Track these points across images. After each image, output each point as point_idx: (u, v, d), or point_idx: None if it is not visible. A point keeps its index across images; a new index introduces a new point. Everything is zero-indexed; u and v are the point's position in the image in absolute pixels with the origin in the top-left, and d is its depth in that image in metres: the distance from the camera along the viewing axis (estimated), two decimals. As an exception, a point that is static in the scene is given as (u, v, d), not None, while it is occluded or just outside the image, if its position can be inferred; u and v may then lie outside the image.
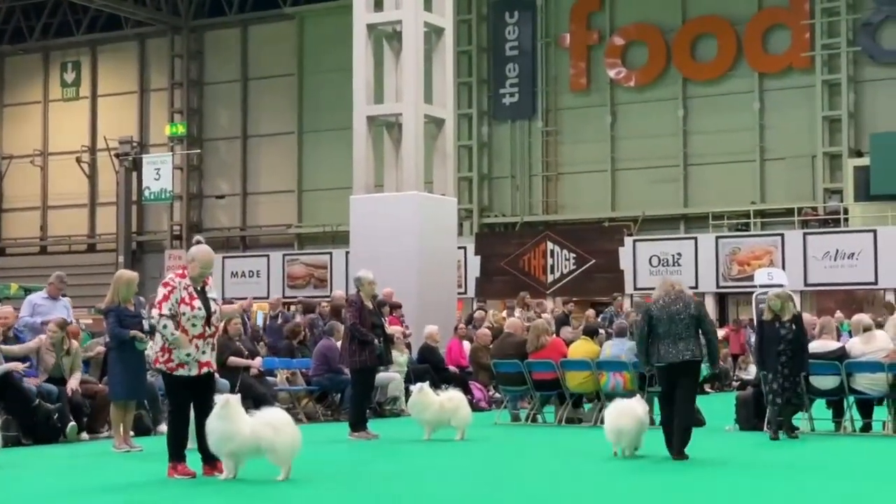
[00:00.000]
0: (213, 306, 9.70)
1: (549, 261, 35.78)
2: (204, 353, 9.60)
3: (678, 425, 11.25)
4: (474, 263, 36.25)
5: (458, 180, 36.50)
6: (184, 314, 9.51)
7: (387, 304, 19.37)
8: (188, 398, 9.64)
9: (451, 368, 19.34)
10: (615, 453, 11.24)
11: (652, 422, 15.48)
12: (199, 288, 9.66)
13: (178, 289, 9.58)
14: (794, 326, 13.33)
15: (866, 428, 14.16)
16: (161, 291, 9.64)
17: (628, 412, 11.24)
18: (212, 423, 9.26)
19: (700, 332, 11.53)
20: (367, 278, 13.88)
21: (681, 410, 11.34)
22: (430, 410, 13.28)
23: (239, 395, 9.73)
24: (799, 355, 13.36)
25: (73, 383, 13.46)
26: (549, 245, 35.87)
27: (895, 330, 19.42)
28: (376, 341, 13.60)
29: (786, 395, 13.26)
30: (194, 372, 9.54)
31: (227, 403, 9.23)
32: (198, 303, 9.58)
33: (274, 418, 9.34)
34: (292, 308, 20.82)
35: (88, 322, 21.04)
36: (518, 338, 16.87)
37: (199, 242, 10.06)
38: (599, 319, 23.08)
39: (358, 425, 13.66)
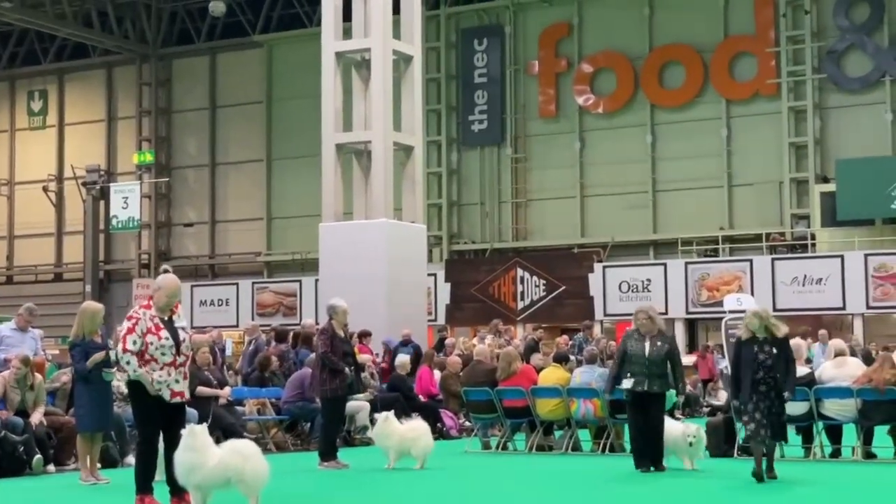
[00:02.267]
0: (181, 335, 9.62)
1: (519, 287, 35.80)
2: (177, 381, 9.50)
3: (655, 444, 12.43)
4: (444, 290, 36.22)
5: (427, 207, 36.49)
6: (151, 344, 9.42)
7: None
8: (157, 427, 9.53)
9: (421, 397, 19.26)
10: None
11: (623, 448, 15.51)
12: (166, 318, 9.58)
13: (143, 320, 9.49)
14: (774, 350, 11.55)
15: (836, 454, 14.19)
16: (125, 325, 9.55)
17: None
18: (179, 453, 9.15)
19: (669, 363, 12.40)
20: (342, 307, 13.81)
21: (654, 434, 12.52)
22: (393, 439, 13.26)
23: (206, 425, 9.64)
24: (782, 382, 11.59)
25: (36, 417, 13.31)
26: (519, 272, 35.90)
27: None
28: (347, 370, 13.53)
29: (769, 430, 11.47)
30: (166, 397, 9.43)
31: (193, 433, 9.13)
32: (164, 333, 9.49)
33: (242, 448, 9.25)
34: (263, 336, 20.69)
35: (55, 353, 20.83)
36: (488, 365, 16.85)
37: (166, 271, 10.00)
38: (571, 346, 23.09)
39: (328, 454, 13.57)
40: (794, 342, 16.45)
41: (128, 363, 9.41)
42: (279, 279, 40.73)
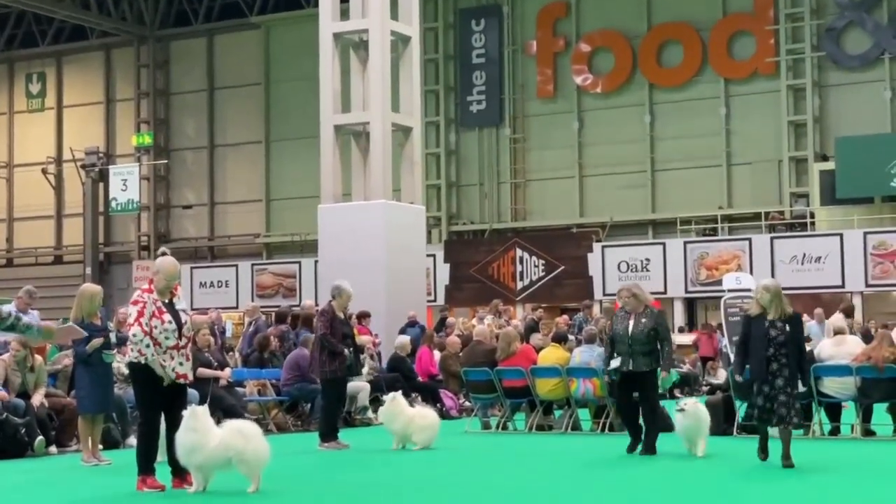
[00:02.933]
0: (183, 317, 9.66)
1: (518, 267, 35.83)
2: (181, 364, 9.56)
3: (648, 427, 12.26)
4: (443, 271, 36.25)
5: (426, 188, 36.51)
6: (155, 328, 9.46)
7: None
8: (158, 408, 9.57)
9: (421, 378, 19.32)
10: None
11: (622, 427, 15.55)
12: (167, 301, 9.62)
13: (148, 304, 9.54)
14: (787, 327, 10.93)
15: (835, 431, 14.24)
16: (133, 311, 9.58)
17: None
18: (181, 434, 9.21)
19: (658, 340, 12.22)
20: (347, 291, 13.73)
21: (647, 415, 12.37)
22: (400, 421, 13.24)
23: (207, 407, 9.68)
24: (794, 361, 10.91)
25: (38, 399, 13.35)
26: (518, 252, 35.92)
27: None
28: (346, 352, 13.54)
29: (779, 413, 10.78)
30: (171, 378, 9.45)
31: (194, 414, 9.18)
32: (167, 316, 9.53)
33: (243, 429, 9.29)
34: (263, 317, 20.71)
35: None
36: (487, 345, 16.89)
37: (164, 254, 10.02)
38: (571, 326, 23.14)
39: (328, 435, 13.60)
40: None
41: (147, 346, 9.44)
42: (278, 261, 40.78)
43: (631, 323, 12.28)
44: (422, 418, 13.38)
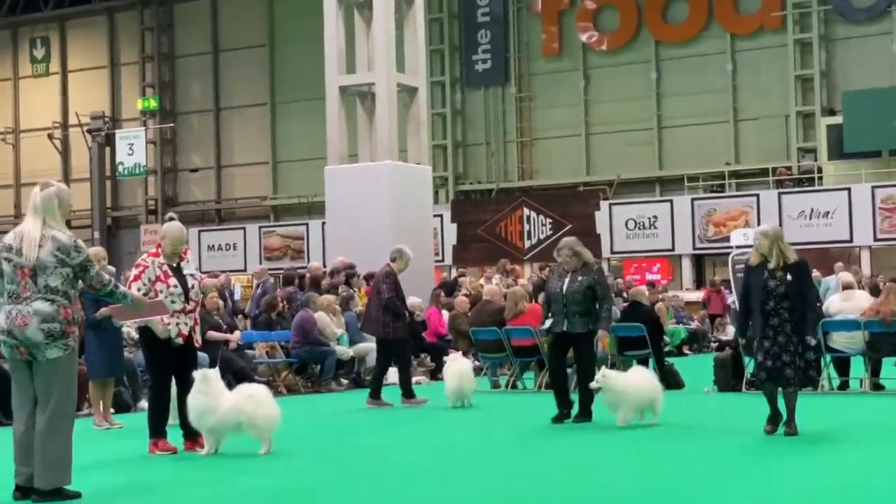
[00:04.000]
0: (190, 282, 9.68)
1: (526, 227, 35.81)
2: (186, 324, 9.59)
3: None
4: (451, 231, 36.25)
5: (432, 148, 36.43)
6: (161, 292, 9.49)
7: (355, 272, 19.42)
8: (168, 369, 9.61)
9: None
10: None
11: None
12: (174, 265, 9.64)
13: (151, 268, 9.57)
14: (788, 277, 9.91)
15: (843, 386, 14.27)
16: (133, 273, 9.65)
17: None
18: (192, 397, 9.27)
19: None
20: (408, 254, 14.02)
21: (581, 379, 11.41)
22: (462, 379, 13.34)
23: (218, 370, 9.72)
24: (798, 314, 9.89)
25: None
26: (525, 211, 35.89)
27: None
28: (408, 315, 13.71)
29: (784, 374, 9.78)
30: (173, 334, 9.49)
31: (206, 378, 9.23)
32: (173, 280, 9.56)
33: (254, 393, 9.34)
34: (272, 280, 20.74)
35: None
36: (496, 305, 16.92)
37: (171, 219, 10.04)
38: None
39: (376, 394, 13.73)
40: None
41: (124, 296, 9.46)
42: (286, 223, 40.79)
43: (566, 281, 11.41)
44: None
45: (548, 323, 11.52)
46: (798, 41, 36.32)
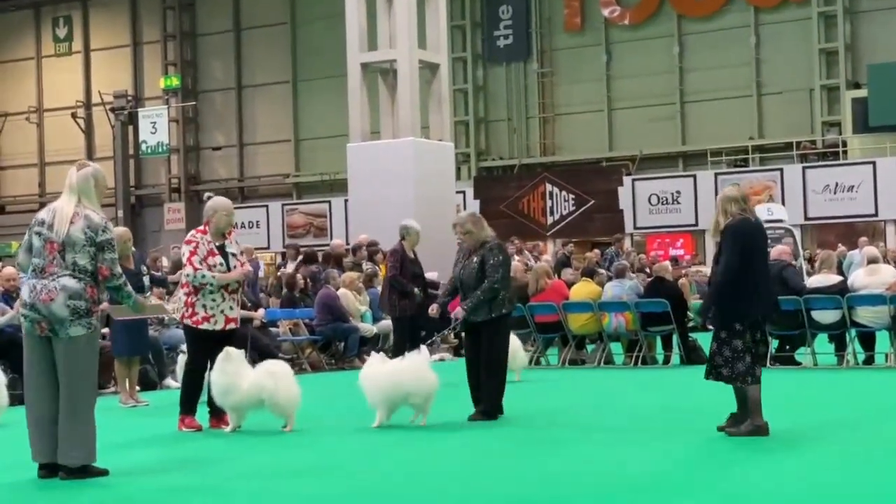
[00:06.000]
0: (233, 262, 9.70)
1: (549, 202, 35.77)
2: (231, 308, 9.65)
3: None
4: (473, 207, 36.20)
5: (454, 125, 36.36)
6: (212, 266, 9.54)
7: (379, 250, 19.43)
8: (208, 353, 9.64)
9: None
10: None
11: (655, 360, 15.59)
12: (218, 244, 9.66)
13: (202, 244, 9.61)
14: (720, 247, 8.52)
15: (869, 361, 14.22)
16: (186, 249, 9.66)
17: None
18: (215, 376, 9.36)
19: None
20: (415, 228, 13.93)
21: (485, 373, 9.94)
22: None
23: (243, 349, 9.77)
24: (710, 291, 8.82)
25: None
26: (548, 187, 35.83)
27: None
28: (416, 291, 13.64)
29: (716, 365, 8.38)
30: (219, 326, 9.57)
31: (229, 357, 9.28)
32: (218, 258, 9.60)
33: (276, 371, 9.38)
34: (258, 260, 20.80)
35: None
36: (520, 281, 16.90)
37: (210, 198, 10.10)
38: (603, 260, 23.13)
39: None
40: (824, 253, 16.49)
41: (203, 276, 9.53)
42: (308, 200, 40.86)
43: (470, 262, 9.96)
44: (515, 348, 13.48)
45: (460, 311, 9.95)
46: (822, 14, 36.01)
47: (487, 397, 9.82)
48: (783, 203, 30.96)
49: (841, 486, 6.53)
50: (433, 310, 10.51)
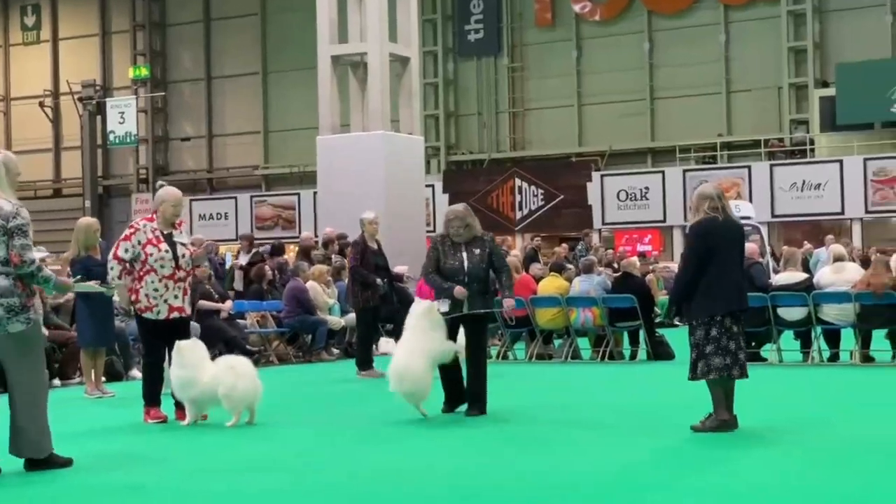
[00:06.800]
0: (181, 250, 9.66)
1: (518, 197, 35.82)
2: (176, 296, 9.58)
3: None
4: (442, 201, 36.18)
5: (424, 118, 36.35)
6: (151, 255, 9.51)
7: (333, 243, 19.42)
8: (159, 342, 9.63)
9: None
10: None
11: (622, 356, 15.64)
12: (166, 232, 9.63)
13: (143, 231, 9.57)
14: None
15: (834, 358, 14.31)
16: (124, 233, 9.65)
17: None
18: (173, 370, 9.34)
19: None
20: (368, 218, 13.95)
21: (479, 366, 9.86)
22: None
23: (195, 340, 9.68)
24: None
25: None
26: (517, 181, 35.88)
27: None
28: (379, 281, 13.63)
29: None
30: (163, 315, 9.52)
31: (179, 351, 9.23)
32: (164, 245, 9.55)
33: (235, 366, 9.33)
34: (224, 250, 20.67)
35: (56, 269, 20.90)
36: (487, 275, 16.89)
37: (162, 186, 10.06)
38: (571, 255, 23.18)
39: (365, 364, 13.75)
40: (789, 251, 16.60)
41: (111, 268, 9.62)
42: (277, 192, 40.74)
43: (465, 256, 9.81)
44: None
45: (442, 305, 9.72)
46: (791, 12, 36.23)
47: (483, 390, 9.79)
48: (751, 200, 31.15)
49: (805, 482, 6.57)
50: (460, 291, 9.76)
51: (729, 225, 8.51)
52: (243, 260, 19.56)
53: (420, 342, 9.53)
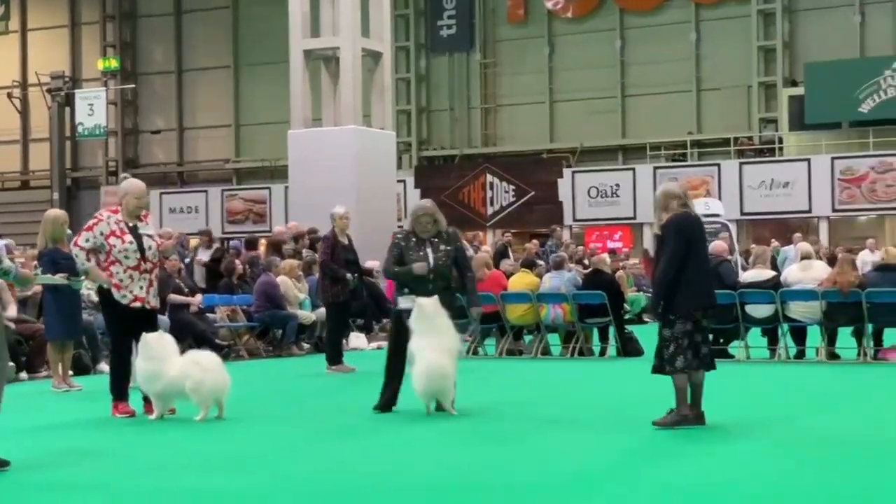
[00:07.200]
0: (147, 242, 9.62)
1: (489, 193, 35.85)
2: (141, 287, 9.54)
3: None
4: (414, 197, 36.18)
5: (396, 113, 36.32)
6: (115, 246, 9.46)
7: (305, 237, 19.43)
8: (125, 333, 9.59)
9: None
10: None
11: (591, 352, 15.70)
12: (132, 224, 9.59)
13: (105, 222, 9.53)
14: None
15: (800, 355, 14.44)
16: (86, 224, 9.61)
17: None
18: (139, 363, 9.30)
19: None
20: (338, 213, 13.98)
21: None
22: None
23: (161, 333, 9.65)
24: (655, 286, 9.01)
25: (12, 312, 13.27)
26: (489, 177, 35.91)
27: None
28: (349, 276, 13.65)
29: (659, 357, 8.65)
30: (127, 301, 9.47)
31: (146, 343, 9.21)
32: (129, 237, 9.51)
33: (202, 360, 9.31)
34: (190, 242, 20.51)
35: (22, 261, 20.76)
36: (458, 271, 16.92)
37: (125, 178, 10.04)
38: (542, 251, 23.24)
39: (335, 359, 13.75)
40: (758, 248, 16.72)
41: (76, 256, 9.60)
42: (248, 186, 40.60)
43: (430, 252, 9.67)
44: None
45: (405, 302, 9.61)
46: (761, 11, 36.43)
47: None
48: (720, 198, 31.32)
49: (767, 476, 6.63)
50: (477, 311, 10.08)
51: (699, 221, 8.65)
52: (203, 256, 19.33)
53: (443, 341, 9.35)
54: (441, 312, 9.43)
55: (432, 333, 9.32)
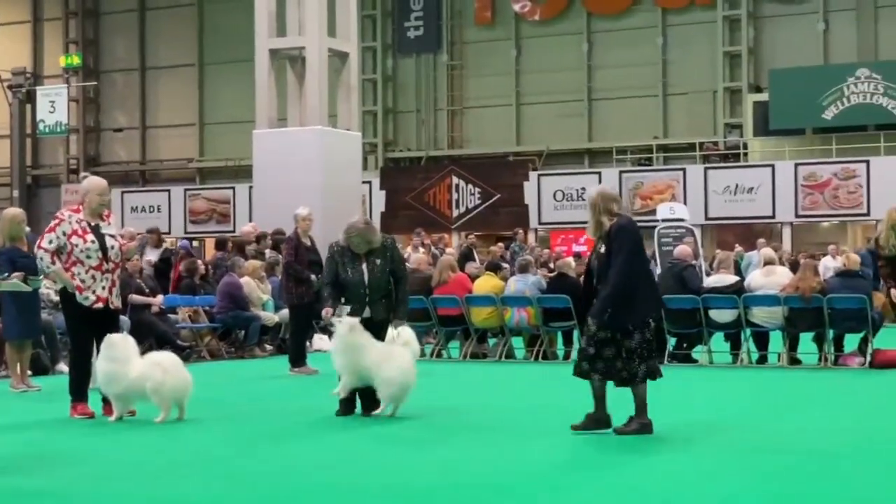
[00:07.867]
0: (109, 241, 9.52)
1: (455, 195, 35.82)
2: (104, 287, 9.43)
3: None
4: (379, 198, 36.14)
5: (362, 114, 36.20)
6: (76, 246, 9.36)
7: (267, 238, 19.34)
8: (87, 334, 9.49)
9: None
10: None
11: (556, 356, 15.69)
12: (93, 223, 9.47)
13: (67, 222, 9.42)
14: (602, 249, 8.60)
15: (762, 360, 14.49)
16: (49, 224, 9.49)
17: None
18: (100, 364, 9.20)
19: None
20: (301, 214, 13.97)
21: None
22: None
23: (125, 335, 9.56)
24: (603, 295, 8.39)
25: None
26: (454, 180, 35.89)
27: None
28: (313, 278, 13.57)
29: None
30: (89, 303, 9.36)
31: (111, 344, 9.11)
32: (91, 236, 9.41)
33: (163, 361, 9.23)
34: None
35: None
36: (423, 273, 16.88)
37: (86, 177, 9.93)
38: (507, 254, 23.22)
39: (298, 361, 13.69)
40: (722, 254, 16.78)
41: (41, 259, 9.47)
42: (212, 186, 40.37)
43: (365, 268, 9.71)
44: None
45: (343, 311, 9.69)
46: (727, 17, 36.64)
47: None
48: (685, 202, 31.43)
49: (727, 485, 6.62)
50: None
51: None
52: (152, 256, 19.09)
53: (360, 359, 9.41)
54: (357, 333, 9.38)
55: (347, 353, 9.40)
